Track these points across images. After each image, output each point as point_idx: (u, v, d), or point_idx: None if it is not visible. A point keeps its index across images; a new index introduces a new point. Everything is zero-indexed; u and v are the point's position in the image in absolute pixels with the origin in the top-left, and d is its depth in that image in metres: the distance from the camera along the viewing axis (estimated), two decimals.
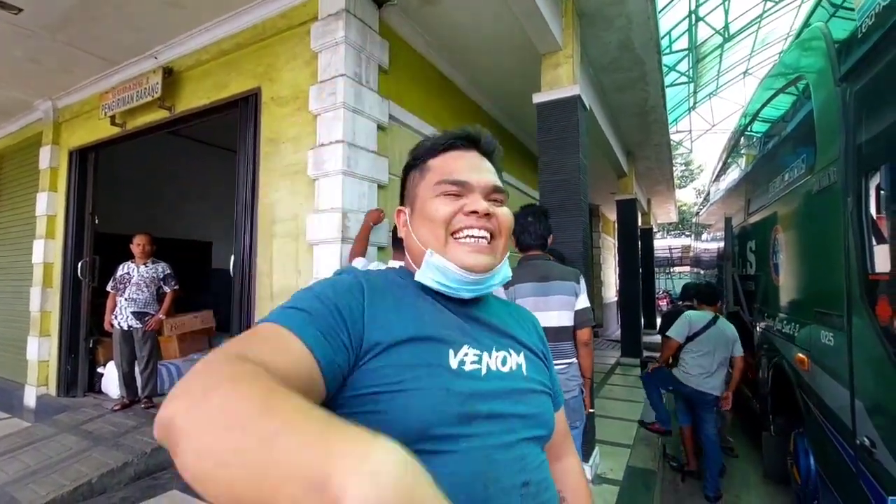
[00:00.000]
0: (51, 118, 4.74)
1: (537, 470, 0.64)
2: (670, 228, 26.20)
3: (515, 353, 0.70)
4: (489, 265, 0.68)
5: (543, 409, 0.70)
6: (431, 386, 0.58)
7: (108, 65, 4.02)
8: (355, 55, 2.79)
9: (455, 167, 0.70)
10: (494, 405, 0.62)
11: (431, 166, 0.73)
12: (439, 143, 0.74)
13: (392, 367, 0.57)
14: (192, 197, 6.89)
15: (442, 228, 0.68)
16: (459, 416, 0.58)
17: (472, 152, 0.74)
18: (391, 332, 0.59)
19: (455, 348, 0.63)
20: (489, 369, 0.65)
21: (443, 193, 0.69)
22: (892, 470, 1.67)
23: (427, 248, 0.69)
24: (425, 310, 0.67)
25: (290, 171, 2.97)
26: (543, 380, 0.73)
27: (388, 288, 0.66)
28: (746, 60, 13.95)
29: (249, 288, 3.09)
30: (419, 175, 0.74)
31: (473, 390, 0.61)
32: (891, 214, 1.77)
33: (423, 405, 0.56)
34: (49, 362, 4.64)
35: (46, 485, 2.80)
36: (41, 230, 4.71)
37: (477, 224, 0.68)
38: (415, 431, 0.54)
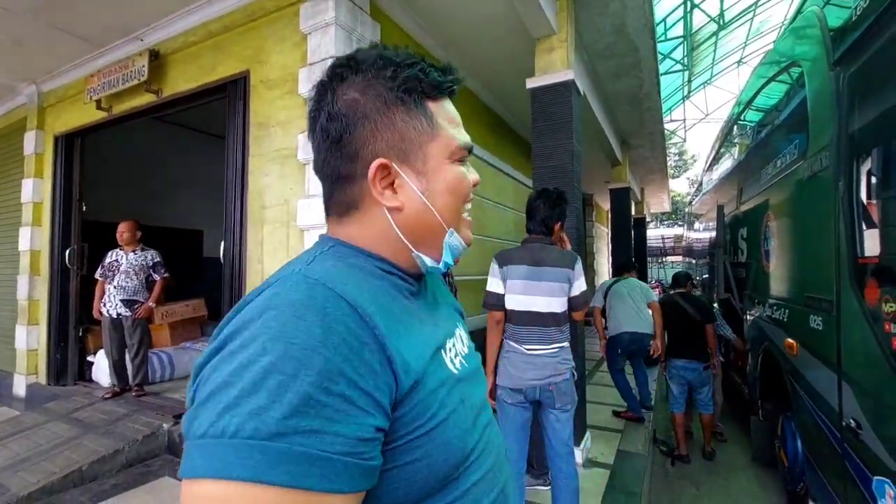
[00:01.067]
0: (35, 102, 4.63)
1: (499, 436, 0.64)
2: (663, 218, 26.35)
3: (461, 326, 0.66)
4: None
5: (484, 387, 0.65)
6: (457, 407, 0.50)
7: (93, 47, 3.92)
8: (346, 37, 2.73)
9: (458, 122, 0.58)
10: (475, 392, 0.58)
11: (435, 114, 0.55)
12: (443, 83, 0.56)
13: (425, 401, 0.46)
14: (182, 185, 6.80)
15: (460, 203, 0.57)
16: (475, 422, 0.54)
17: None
18: (420, 359, 0.47)
19: (443, 346, 0.55)
20: (462, 357, 0.59)
21: (460, 160, 0.56)
22: (876, 450, 1.69)
23: (450, 225, 0.56)
24: (413, 311, 0.54)
25: (279, 156, 2.93)
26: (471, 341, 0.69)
27: (378, 297, 0.48)
28: (741, 49, 13.93)
29: (240, 274, 3.06)
30: (419, 122, 0.53)
31: (470, 388, 0.56)
32: (881, 198, 1.77)
33: (458, 431, 0.49)
34: (38, 351, 4.59)
35: (36, 472, 2.78)
36: (27, 217, 4.63)
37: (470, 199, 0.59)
38: (458, 460, 0.48)
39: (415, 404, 0.44)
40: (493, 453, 0.56)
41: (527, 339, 2.11)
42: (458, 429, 0.48)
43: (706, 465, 3.61)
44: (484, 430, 0.56)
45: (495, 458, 0.56)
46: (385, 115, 0.52)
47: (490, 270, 2.24)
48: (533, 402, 2.13)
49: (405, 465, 0.43)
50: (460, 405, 0.50)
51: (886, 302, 1.62)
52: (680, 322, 3.72)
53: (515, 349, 2.14)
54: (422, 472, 0.44)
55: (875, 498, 1.69)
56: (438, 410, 0.46)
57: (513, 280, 2.14)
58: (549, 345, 2.11)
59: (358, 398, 0.39)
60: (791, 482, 2.85)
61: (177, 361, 4.62)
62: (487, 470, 0.53)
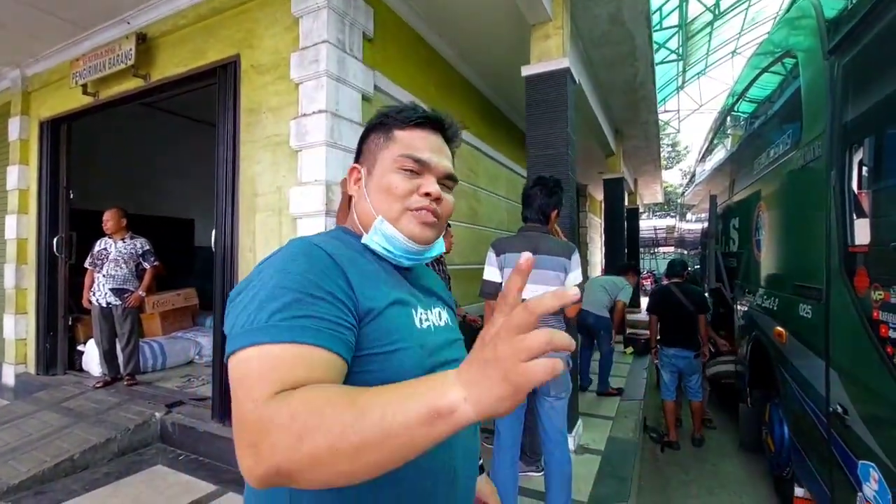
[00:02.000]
0: (19, 87, 4.52)
1: None
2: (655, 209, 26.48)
3: (441, 308, 0.81)
4: (432, 239, 0.76)
5: (464, 353, 0.79)
6: (411, 344, 0.67)
7: (79, 30, 3.82)
8: (338, 21, 2.68)
9: (419, 144, 0.74)
10: (447, 353, 0.73)
11: (397, 137, 0.75)
12: (410, 117, 0.75)
13: (382, 330, 0.64)
14: (173, 173, 6.71)
15: (398, 203, 0.72)
16: (433, 367, 0.68)
17: (437, 135, 0.77)
18: (377, 299, 0.65)
19: (414, 308, 0.72)
20: (434, 325, 0.75)
21: (403, 168, 0.73)
22: (862, 435, 1.73)
23: (379, 214, 0.73)
24: (387, 275, 0.73)
25: (271, 143, 2.89)
26: (458, 327, 0.86)
27: (350, 255, 0.69)
28: (735, 39, 13.91)
29: (232, 263, 3.04)
30: (383, 141, 0.76)
31: (435, 343, 0.72)
32: (872, 187, 1.78)
33: (409, 362, 0.65)
34: (27, 340, 4.54)
35: (27, 461, 2.77)
36: (13, 205, 4.54)
37: (430, 207, 0.73)
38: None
39: (375, 328, 0.62)
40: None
41: None
42: (411, 360, 0.65)
43: (695, 451, 3.67)
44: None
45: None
46: (367, 139, 0.79)
47: (486, 259, 2.23)
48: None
49: (364, 371, 0.61)
50: (419, 348, 0.67)
51: (875, 290, 1.64)
52: (674, 311, 3.76)
53: None
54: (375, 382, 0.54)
55: (860, 481, 1.73)
56: (396, 341, 0.64)
57: (510, 268, 2.14)
58: None
59: (330, 298, 0.58)
60: (777, 467, 2.91)
61: (168, 351, 4.59)
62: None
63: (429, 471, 0.65)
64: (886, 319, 1.57)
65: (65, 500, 2.51)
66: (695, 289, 3.92)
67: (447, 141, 0.80)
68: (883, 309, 1.59)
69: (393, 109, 0.78)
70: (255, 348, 0.52)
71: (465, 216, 4.59)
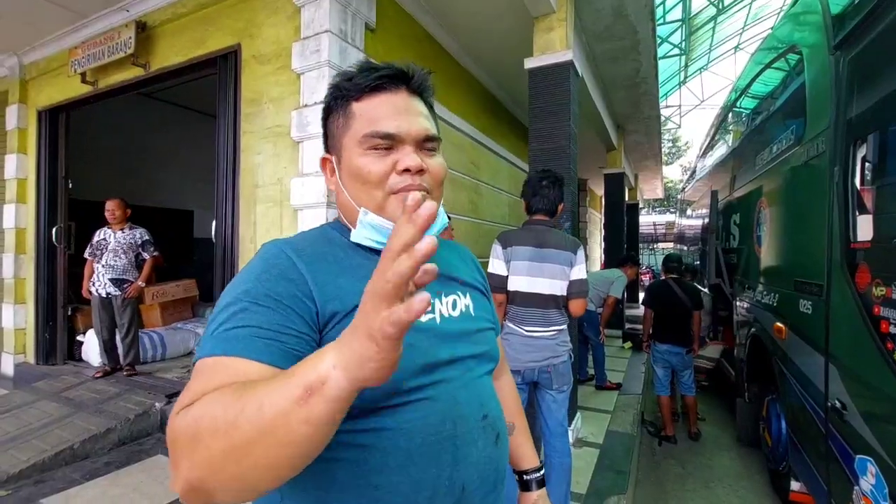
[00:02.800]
0: (17, 75, 4.48)
1: (492, 401, 0.70)
2: (655, 205, 26.47)
3: (462, 295, 0.72)
4: None
5: (493, 343, 0.74)
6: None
7: (77, 17, 3.78)
8: (341, 10, 2.66)
9: (381, 113, 0.64)
10: (452, 349, 0.65)
11: (355, 112, 0.65)
12: (363, 84, 0.65)
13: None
14: (173, 165, 6.68)
15: (378, 189, 0.64)
16: (424, 368, 0.61)
17: (401, 92, 0.66)
18: (345, 300, 0.59)
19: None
20: (442, 316, 0.67)
21: (371, 147, 0.63)
22: (860, 430, 1.74)
23: (361, 205, 0.65)
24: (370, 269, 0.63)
25: (272, 134, 2.87)
26: (487, 315, 0.77)
27: (324, 252, 0.64)
28: (739, 35, 13.84)
29: (232, 254, 3.03)
30: (342, 120, 0.66)
31: (432, 341, 0.63)
32: (875, 184, 1.78)
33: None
34: (26, 330, 4.54)
35: (27, 450, 2.77)
36: (11, 194, 4.51)
37: (413, 184, 0.63)
38: (387, 390, 0.57)
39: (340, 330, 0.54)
40: (447, 407, 0.61)
41: (528, 320, 2.12)
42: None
43: (692, 445, 3.70)
44: (440, 384, 0.62)
45: (452, 415, 0.61)
46: (328, 122, 0.70)
47: (492, 251, 2.22)
48: (530, 383, 2.15)
49: None
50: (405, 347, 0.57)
51: (876, 286, 1.65)
52: (670, 307, 3.76)
53: (515, 331, 2.14)
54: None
55: (857, 475, 1.74)
56: None
57: (517, 261, 2.14)
58: (548, 327, 2.12)
59: (277, 306, 0.55)
60: (774, 461, 2.93)
61: (168, 342, 4.59)
62: (434, 419, 0.60)
63: (422, 484, 0.57)
64: (887, 315, 1.58)
65: (65, 489, 2.52)
66: (692, 285, 3.92)
67: (417, 94, 0.68)
68: (884, 305, 1.60)
69: (343, 76, 0.67)
70: (199, 361, 0.52)
71: (466, 210, 4.57)
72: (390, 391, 0.58)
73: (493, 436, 0.66)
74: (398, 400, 0.58)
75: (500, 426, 0.69)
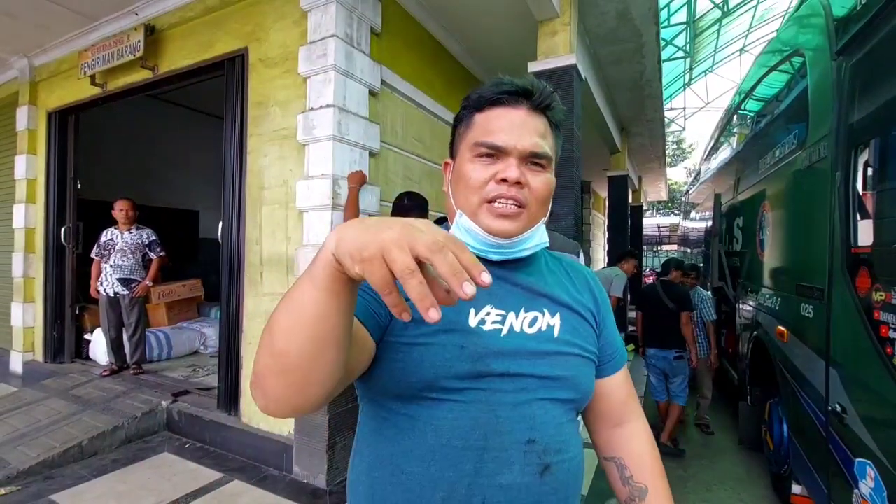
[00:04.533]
0: (27, 77, 4.54)
1: (551, 430, 0.64)
2: (659, 207, 26.38)
3: (550, 314, 0.69)
4: (514, 232, 0.67)
5: (576, 372, 0.69)
6: (447, 343, 0.62)
7: (87, 20, 3.83)
8: (347, 15, 2.69)
9: (495, 126, 0.67)
10: (510, 364, 0.64)
11: (475, 121, 0.69)
12: (485, 97, 0.69)
13: (415, 322, 0.59)
14: (179, 165, 6.74)
15: (475, 195, 0.67)
16: (470, 373, 0.62)
17: (521, 109, 0.68)
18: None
19: (477, 307, 0.65)
20: (512, 330, 0.66)
21: (478, 155, 0.67)
22: (860, 433, 1.75)
23: (459, 208, 0.69)
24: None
25: (278, 136, 2.90)
26: (583, 343, 0.71)
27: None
28: (744, 37, 13.80)
29: (238, 254, 3.06)
30: (463, 128, 0.71)
31: (489, 349, 0.63)
32: (876, 188, 1.79)
33: (435, 359, 0.61)
34: (34, 329, 4.59)
35: (36, 447, 2.82)
36: (21, 194, 4.57)
37: (507, 193, 0.65)
38: (425, 381, 0.61)
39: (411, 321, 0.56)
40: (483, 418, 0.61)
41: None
42: (435, 358, 0.61)
43: (694, 448, 3.70)
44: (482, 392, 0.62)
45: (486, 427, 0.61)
46: (455, 131, 0.75)
47: None
48: None
49: (387, 359, 0.62)
50: (456, 347, 0.62)
51: (876, 291, 1.66)
52: (653, 309, 3.71)
53: None
54: (395, 371, 0.61)
55: (856, 478, 1.75)
56: (424, 335, 0.62)
57: None
58: None
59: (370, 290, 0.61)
60: (776, 465, 2.93)
61: (174, 341, 4.64)
62: (464, 424, 0.61)
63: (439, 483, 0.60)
64: (887, 320, 1.59)
65: (73, 485, 2.56)
66: (678, 287, 3.80)
67: (539, 111, 0.69)
68: (884, 310, 1.61)
69: (474, 91, 0.71)
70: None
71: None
72: (427, 382, 0.61)
73: (539, 466, 0.62)
74: (434, 395, 0.61)
75: (553, 461, 0.64)
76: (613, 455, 0.79)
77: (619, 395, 0.79)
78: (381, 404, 0.66)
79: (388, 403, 0.65)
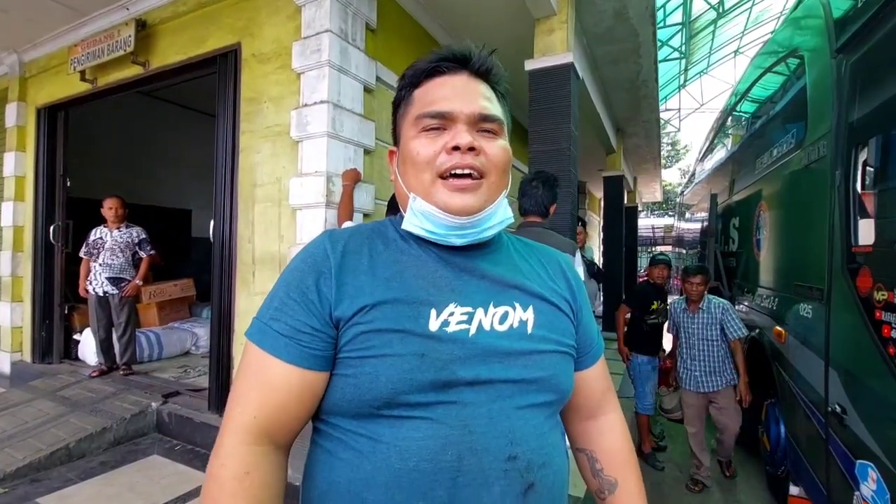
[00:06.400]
0: (16, 73, 4.47)
1: (533, 443, 0.58)
2: (654, 208, 26.49)
3: (521, 308, 0.62)
4: (476, 206, 0.59)
5: (554, 371, 0.62)
6: (404, 352, 0.55)
7: (77, 15, 3.77)
8: (341, 10, 2.65)
9: (437, 96, 0.61)
10: (481, 370, 0.56)
11: (414, 97, 0.64)
12: (421, 69, 0.63)
13: (365, 333, 0.56)
14: (171, 164, 6.67)
15: (426, 172, 0.60)
16: (434, 384, 0.54)
17: (461, 74, 0.63)
18: (360, 299, 0.57)
19: (438, 308, 0.58)
20: (481, 328, 0.58)
21: (423, 129, 0.61)
22: (861, 435, 1.73)
23: (412, 192, 0.62)
24: (407, 266, 0.61)
25: (271, 133, 2.86)
26: (559, 336, 0.64)
27: (364, 245, 0.63)
28: (739, 38, 13.88)
29: (230, 253, 3.02)
30: (403, 109, 0.66)
31: (454, 355, 0.56)
32: (877, 187, 1.78)
33: (392, 372, 0.54)
34: (22, 328, 4.52)
35: (23, 449, 2.76)
36: (9, 192, 4.50)
37: (462, 162, 0.58)
38: (383, 398, 0.54)
39: (358, 332, 0.56)
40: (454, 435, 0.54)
41: None
42: (391, 370, 0.54)
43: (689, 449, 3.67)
44: (451, 405, 0.54)
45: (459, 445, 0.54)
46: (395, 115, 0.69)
47: None
48: None
49: (341, 375, 0.57)
50: (412, 356, 0.55)
51: (878, 290, 1.64)
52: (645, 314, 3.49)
53: None
54: (348, 389, 0.56)
55: (857, 480, 1.73)
56: (377, 346, 0.55)
57: None
58: None
59: (303, 300, 0.58)
60: (773, 466, 2.92)
61: (165, 341, 4.58)
62: (434, 444, 0.53)
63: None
64: (889, 320, 1.57)
65: (60, 488, 2.50)
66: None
67: (480, 76, 0.64)
68: (886, 309, 1.59)
69: (409, 67, 0.66)
70: (249, 344, 0.59)
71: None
72: (386, 399, 0.53)
73: (522, 485, 0.55)
74: (397, 412, 0.54)
75: (538, 477, 0.57)
76: (585, 447, 0.75)
77: (596, 388, 0.74)
78: (334, 425, 0.58)
79: (343, 423, 0.57)
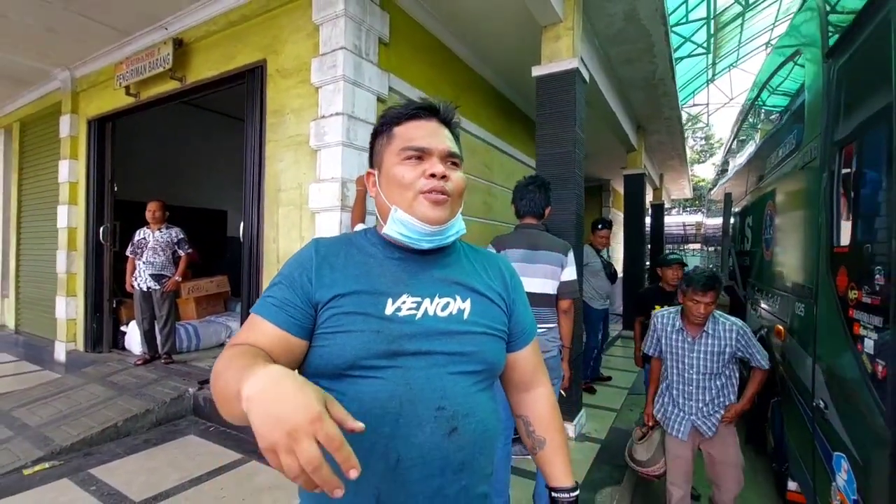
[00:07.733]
0: (69, 88, 4.91)
1: (459, 398, 0.76)
2: (686, 205, 25.77)
3: (461, 300, 0.81)
4: (445, 218, 0.80)
5: (482, 347, 0.80)
6: (365, 328, 0.74)
7: (121, 35, 4.14)
8: (355, 28, 2.86)
9: (416, 134, 0.81)
10: (422, 344, 0.75)
11: (396, 133, 0.82)
12: (403, 113, 0.84)
13: (337, 314, 0.75)
14: (208, 166, 7.08)
15: (409, 191, 0.79)
16: (386, 353, 0.74)
17: (433, 121, 0.84)
18: (334, 289, 0.77)
19: (394, 297, 0.77)
20: (426, 314, 0.78)
21: (406, 158, 0.80)
22: (836, 428, 1.80)
23: (394, 205, 0.81)
24: (372, 266, 0.81)
25: (293, 142, 3.10)
26: (489, 321, 0.83)
27: (341, 250, 0.83)
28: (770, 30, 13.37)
29: (258, 253, 3.28)
30: (385, 141, 0.84)
31: (403, 332, 0.75)
32: (854, 191, 1.83)
33: (356, 343, 0.73)
34: (76, 320, 4.97)
35: (77, 426, 3.11)
36: (64, 196, 4.96)
37: (437, 186, 0.78)
38: (348, 361, 0.74)
39: (332, 314, 0.75)
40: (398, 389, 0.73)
41: None
42: (355, 342, 0.74)
43: None
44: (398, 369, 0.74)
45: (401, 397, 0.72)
46: (375, 144, 0.88)
47: None
48: None
49: (319, 346, 0.75)
50: (370, 332, 0.74)
51: (851, 289, 1.71)
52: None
53: None
54: (324, 355, 0.75)
55: (834, 472, 1.81)
56: (345, 324, 0.75)
57: (511, 262, 2.28)
58: (540, 324, 2.25)
59: (291, 285, 0.77)
60: (778, 462, 2.95)
61: (202, 333, 4.93)
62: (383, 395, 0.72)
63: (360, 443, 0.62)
64: (859, 318, 1.64)
65: (109, 461, 2.82)
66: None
67: (445, 124, 0.86)
68: (857, 308, 1.66)
69: (389, 111, 0.86)
70: (252, 313, 0.78)
71: (479, 211, 4.72)
72: (351, 362, 0.73)
73: (447, 428, 0.73)
74: (357, 373, 0.73)
75: (461, 423, 0.75)
76: (521, 413, 0.96)
77: (528, 366, 0.95)
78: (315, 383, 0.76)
79: (321, 382, 0.73)
